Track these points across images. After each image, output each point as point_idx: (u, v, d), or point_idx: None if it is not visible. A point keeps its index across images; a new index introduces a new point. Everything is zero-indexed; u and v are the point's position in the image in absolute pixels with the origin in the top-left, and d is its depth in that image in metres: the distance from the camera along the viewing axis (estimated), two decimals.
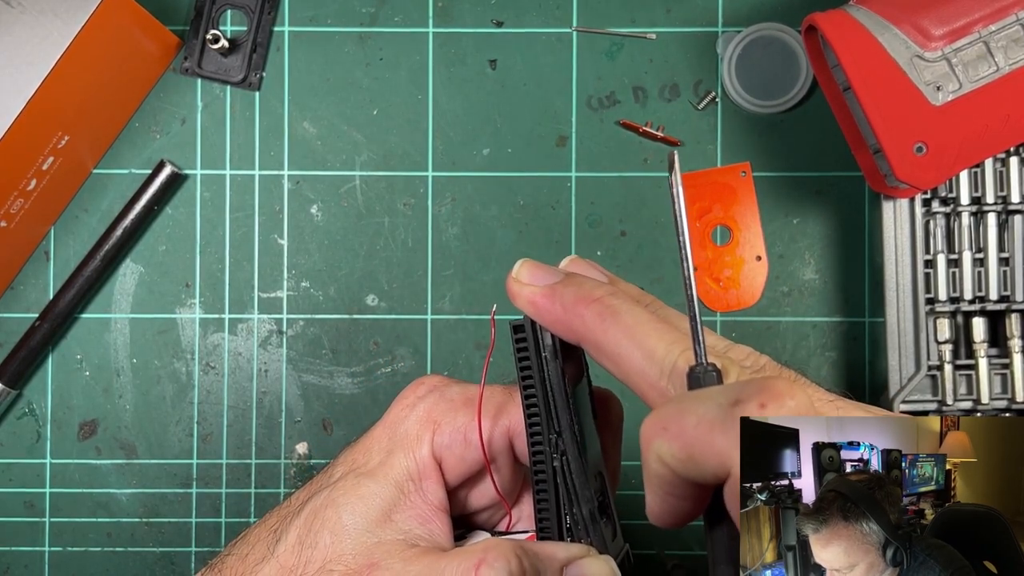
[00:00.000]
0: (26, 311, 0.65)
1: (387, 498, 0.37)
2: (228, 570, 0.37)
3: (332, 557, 0.36)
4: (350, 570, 0.35)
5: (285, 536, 0.37)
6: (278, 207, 0.65)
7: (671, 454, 0.28)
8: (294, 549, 0.36)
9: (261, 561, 0.37)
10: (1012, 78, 0.54)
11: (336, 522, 0.36)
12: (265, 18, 0.65)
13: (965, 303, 0.60)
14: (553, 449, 0.36)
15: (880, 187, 0.60)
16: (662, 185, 0.65)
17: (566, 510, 0.36)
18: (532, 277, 0.35)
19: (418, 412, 0.38)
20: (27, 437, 0.66)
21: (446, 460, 0.38)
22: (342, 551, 0.36)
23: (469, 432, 0.38)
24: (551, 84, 0.65)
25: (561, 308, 0.34)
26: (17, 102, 0.55)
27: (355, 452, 0.39)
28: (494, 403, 0.38)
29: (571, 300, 0.34)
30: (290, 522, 0.37)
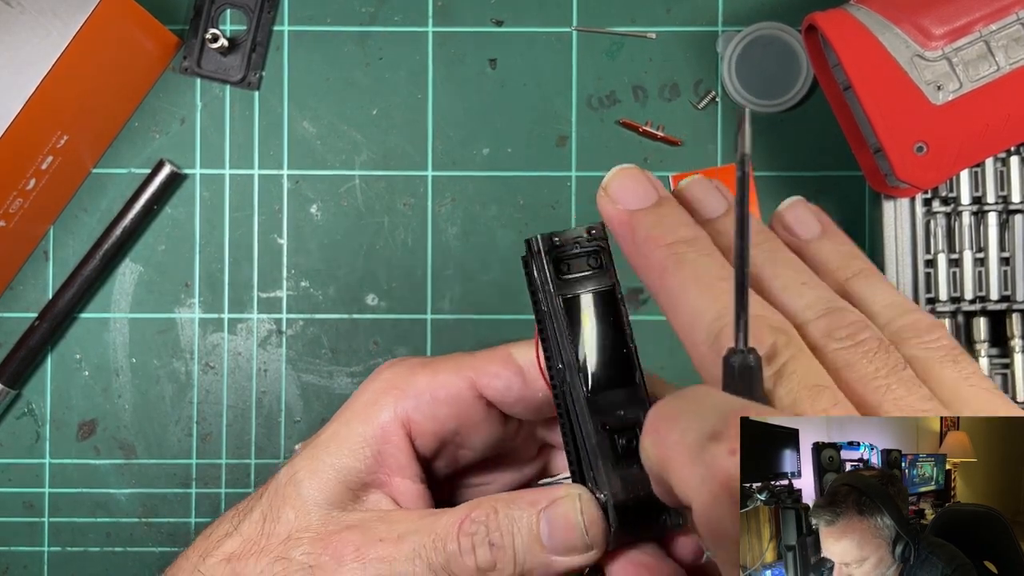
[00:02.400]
0: (25, 311, 0.65)
1: (346, 467, 0.37)
2: (192, 550, 0.38)
3: (298, 528, 0.36)
4: (318, 537, 0.35)
5: (249, 514, 0.37)
6: (277, 207, 0.65)
7: (649, 457, 0.28)
8: (258, 524, 0.37)
9: (224, 537, 0.37)
10: (1013, 77, 0.54)
11: (297, 497, 0.36)
12: (265, 17, 0.65)
13: (966, 303, 0.60)
14: (560, 384, 0.35)
15: (880, 187, 0.60)
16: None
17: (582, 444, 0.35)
18: (620, 194, 0.33)
19: (376, 383, 0.38)
20: (26, 437, 0.66)
21: (416, 422, 0.37)
22: (307, 523, 0.36)
23: (435, 390, 0.37)
24: (551, 84, 0.65)
25: (632, 239, 0.32)
26: (17, 102, 0.55)
27: (317, 433, 0.39)
28: (453, 361, 0.38)
29: (644, 235, 0.32)
30: (255, 501, 0.38)
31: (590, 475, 0.34)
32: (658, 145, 0.65)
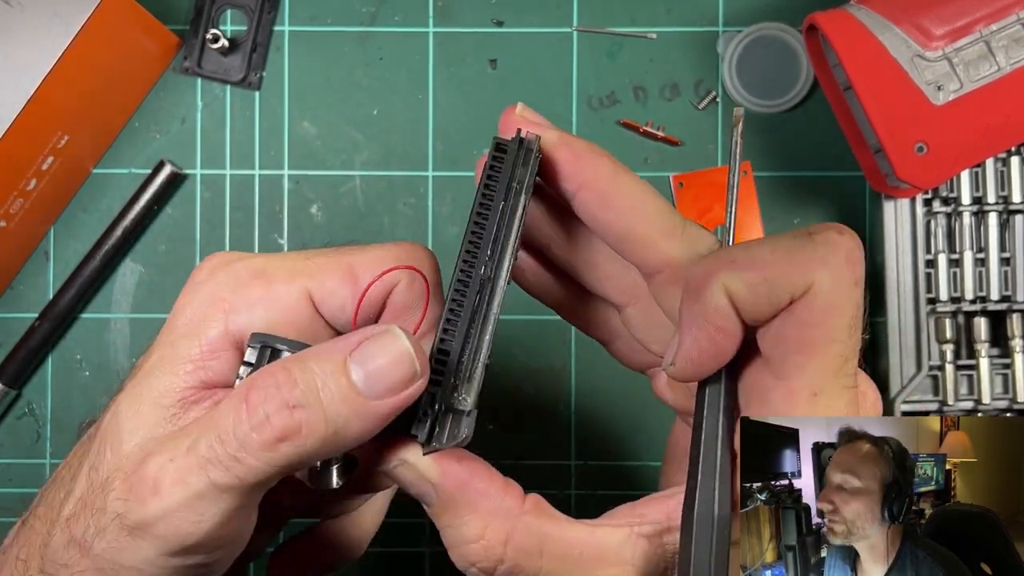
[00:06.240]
0: (26, 311, 0.65)
1: (166, 391, 0.33)
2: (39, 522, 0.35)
3: (114, 468, 0.32)
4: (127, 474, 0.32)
5: (80, 469, 0.34)
6: (278, 207, 0.65)
7: (743, 280, 0.29)
8: (87, 477, 0.33)
9: (63, 500, 0.34)
10: (1013, 78, 0.54)
11: (115, 434, 0.33)
12: (265, 18, 0.65)
13: (966, 303, 0.60)
14: (485, 274, 0.32)
15: (881, 187, 0.60)
16: (662, 184, 0.65)
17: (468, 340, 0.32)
18: (539, 119, 0.34)
19: (201, 295, 0.34)
20: (27, 437, 0.66)
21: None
22: (121, 458, 0.32)
23: (269, 303, 0.34)
24: (551, 84, 0.65)
25: (572, 153, 0.33)
26: (17, 102, 0.55)
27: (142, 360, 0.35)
28: (286, 268, 0.34)
29: (584, 148, 0.33)
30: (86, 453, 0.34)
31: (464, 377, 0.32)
32: (658, 145, 0.65)
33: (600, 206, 0.33)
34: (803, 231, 0.30)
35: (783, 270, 0.29)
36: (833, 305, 0.28)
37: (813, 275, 0.28)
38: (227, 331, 0.33)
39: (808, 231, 0.29)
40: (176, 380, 0.33)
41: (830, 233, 0.29)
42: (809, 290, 0.28)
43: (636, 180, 0.33)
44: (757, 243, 0.30)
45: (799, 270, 0.28)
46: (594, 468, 0.65)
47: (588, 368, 0.65)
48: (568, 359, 0.65)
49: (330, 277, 0.34)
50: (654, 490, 0.33)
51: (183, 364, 0.33)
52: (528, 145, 0.33)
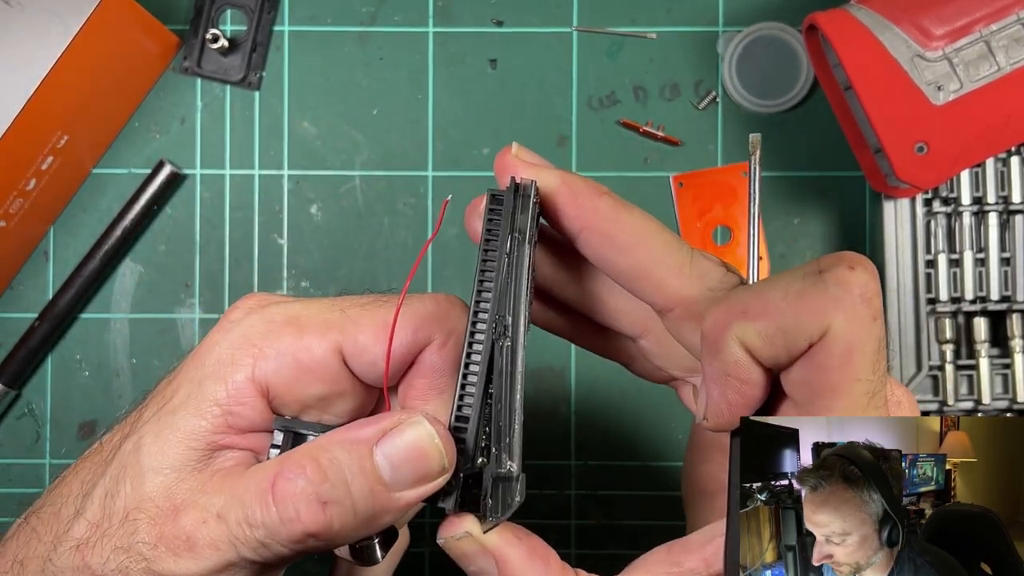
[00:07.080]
0: (25, 311, 0.65)
1: (192, 433, 0.33)
2: (43, 526, 0.35)
3: (135, 504, 0.32)
4: (152, 515, 0.32)
5: (93, 489, 0.34)
6: (278, 207, 0.65)
7: (757, 332, 0.28)
8: (101, 503, 0.33)
9: (73, 517, 0.34)
10: (1013, 78, 0.54)
11: (137, 468, 0.33)
12: (265, 18, 0.65)
13: (966, 303, 0.60)
14: (498, 333, 0.32)
15: (881, 187, 0.60)
16: (662, 184, 0.65)
17: (490, 401, 0.32)
18: (535, 159, 0.34)
19: (232, 336, 0.34)
20: (26, 437, 0.66)
21: (275, 387, 0.34)
22: (143, 496, 0.32)
23: (299, 354, 0.33)
24: (551, 84, 0.65)
25: (571, 194, 0.33)
26: (17, 102, 0.55)
27: (166, 388, 0.35)
28: (320, 319, 0.34)
29: (584, 188, 0.33)
30: (100, 473, 0.34)
31: (505, 443, 0.31)
32: (658, 145, 0.65)
33: (604, 245, 0.32)
34: (813, 268, 0.29)
35: (796, 317, 0.28)
36: (852, 346, 0.28)
37: (827, 319, 0.28)
38: (253, 377, 0.33)
39: (819, 268, 0.28)
40: (203, 423, 0.33)
41: (840, 270, 0.28)
42: (826, 334, 0.28)
43: (639, 215, 0.32)
44: (769, 285, 0.29)
45: (813, 315, 0.28)
46: (594, 468, 0.65)
47: (588, 368, 0.65)
48: (568, 359, 0.65)
49: (364, 332, 0.34)
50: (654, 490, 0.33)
51: (210, 407, 0.33)
52: (525, 191, 0.32)
